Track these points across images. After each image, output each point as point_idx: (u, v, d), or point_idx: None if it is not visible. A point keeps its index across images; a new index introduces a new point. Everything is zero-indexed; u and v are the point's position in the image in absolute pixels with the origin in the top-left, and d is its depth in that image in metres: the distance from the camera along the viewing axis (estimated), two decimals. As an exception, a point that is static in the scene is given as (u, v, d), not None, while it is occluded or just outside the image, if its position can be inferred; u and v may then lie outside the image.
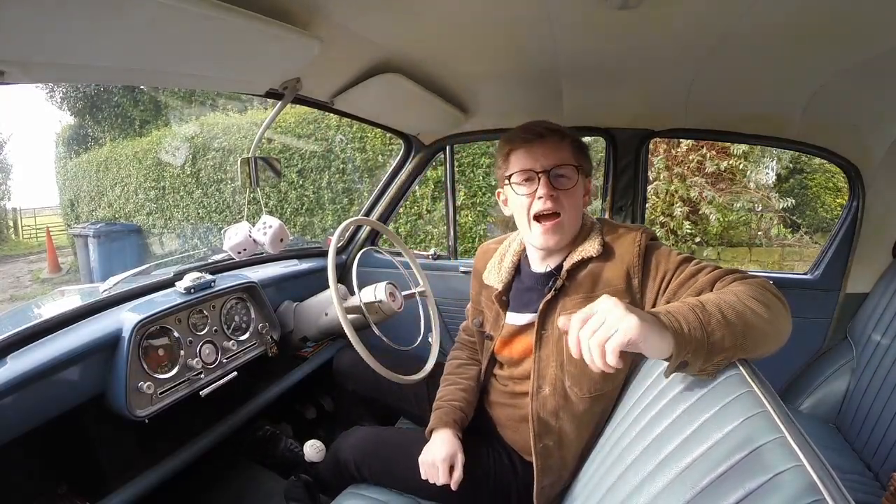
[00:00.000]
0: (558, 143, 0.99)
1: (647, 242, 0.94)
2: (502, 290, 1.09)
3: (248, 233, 1.31)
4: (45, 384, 0.97)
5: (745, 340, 0.66)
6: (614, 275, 0.94)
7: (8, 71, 0.69)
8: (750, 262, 5.08)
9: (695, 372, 0.66)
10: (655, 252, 0.93)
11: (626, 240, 0.95)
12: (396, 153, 2.03)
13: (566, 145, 1.00)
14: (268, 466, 1.56)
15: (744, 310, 0.69)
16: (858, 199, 1.53)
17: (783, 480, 0.47)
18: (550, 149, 0.98)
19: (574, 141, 1.02)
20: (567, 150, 0.99)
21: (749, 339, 0.67)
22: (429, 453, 1.04)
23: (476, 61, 1.18)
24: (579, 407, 0.96)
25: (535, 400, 1.00)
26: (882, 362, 1.39)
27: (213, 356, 1.30)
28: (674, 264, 0.90)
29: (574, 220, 1.00)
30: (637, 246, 0.93)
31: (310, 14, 0.85)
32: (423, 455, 1.04)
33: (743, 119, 1.48)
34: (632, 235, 0.95)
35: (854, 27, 0.87)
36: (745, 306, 0.69)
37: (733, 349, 0.65)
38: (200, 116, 7.20)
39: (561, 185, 0.97)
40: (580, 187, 1.00)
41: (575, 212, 0.99)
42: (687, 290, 0.84)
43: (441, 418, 1.09)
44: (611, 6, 0.79)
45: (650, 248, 0.94)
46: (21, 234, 12.34)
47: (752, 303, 0.71)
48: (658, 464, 0.63)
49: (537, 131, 0.99)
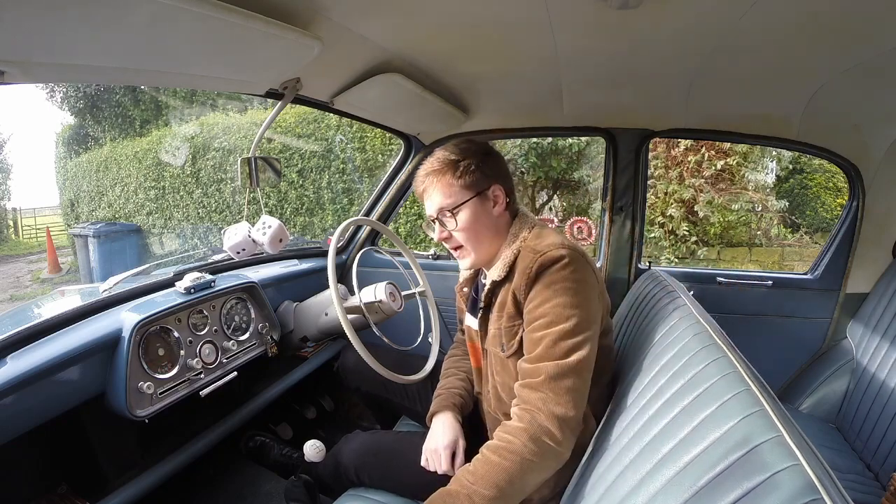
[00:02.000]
0: (435, 186, 1.01)
1: (535, 272, 0.91)
2: (463, 281, 1.16)
3: (247, 233, 1.31)
4: (45, 384, 0.97)
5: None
6: (509, 299, 0.96)
7: (8, 71, 0.69)
8: (750, 262, 5.08)
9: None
10: (538, 284, 0.91)
11: (524, 263, 0.93)
12: (396, 153, 2.03)
13: (444, 184, 1.00)
14: (267, 467, 1.56)
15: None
16: (858, 199, 1.53)
17: (781, 479, 0.47)
18: (432, 193, 1.02)
19: (451, 169, 1.00)
20: (443, 190, 1.00)
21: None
22: (432, 440, 1.06)
23: (476, 61, 1.18)
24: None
25: (484, 401, 1.07)
26: (882, 362, 1.39)
27: (213, 356, 1.30)
28: (530, 313, 0.91)
29: (479, 243, 1.02)
30: (526, 276, 0.92)
31: (310, 14, 0.85)
32: (427, 442, 1.06)
33: (743, 119, 1.48)
34: (527, 261, 0.93)
35: (854, 27, 0.87)
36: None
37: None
38: (200, 116, 7.20)
39: (448, 226, 1.02)
40: (471, 215, 1.00)
41: (476, 235, 1.01)
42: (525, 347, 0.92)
43: (441, 402, 1.12)
44: (611, 6, 0.79)
45: (539, 274, 0.91)
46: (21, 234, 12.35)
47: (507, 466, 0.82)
48: (656, 463, 0.63)
49: (420, 178, 1.04)
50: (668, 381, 0.76)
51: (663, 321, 0.97)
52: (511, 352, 0.97)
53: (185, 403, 1.20)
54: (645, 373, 0.89)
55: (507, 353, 0.97)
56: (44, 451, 1.11)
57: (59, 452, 1.13)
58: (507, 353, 0.97)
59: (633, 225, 1.67)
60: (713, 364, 0.71)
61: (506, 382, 0.99)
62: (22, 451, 1.03)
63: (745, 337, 1.13)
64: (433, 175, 1.02)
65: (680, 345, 0.83)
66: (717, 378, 0.67)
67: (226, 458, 1.55)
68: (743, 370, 0.66)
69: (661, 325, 0.97)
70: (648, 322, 1.03)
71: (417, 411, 1.37)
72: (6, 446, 0.92)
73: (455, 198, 1.00)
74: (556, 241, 0.93)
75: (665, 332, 0.93)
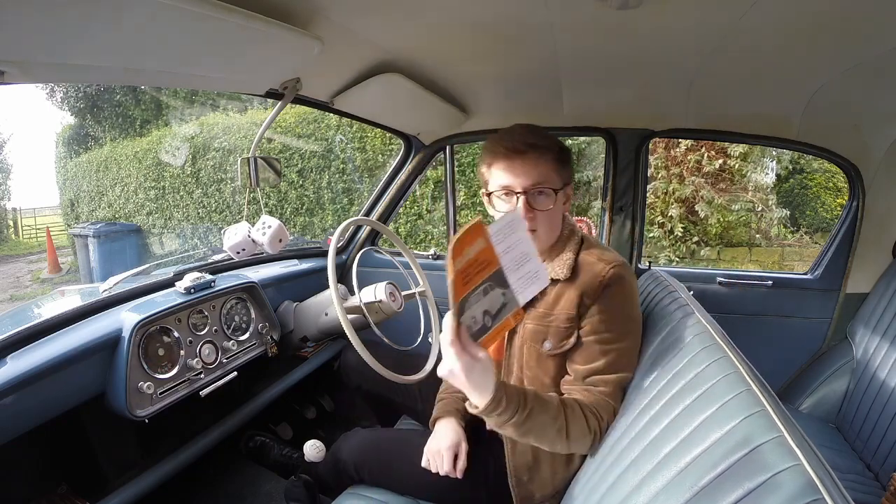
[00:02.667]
0: (537, 160, 0.96)
1: (608, 282, 0.94)
2: None
3: (247, 233, 1.31)
4: (45, 384, 0.97)
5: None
6: (572, 300, 0.95)
7: (8, 71, 0.69)
8: (750, 262, 5.08)
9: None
10: (610, 293, 0.94)
11: (594, 270, 0.95)
12: (396, 153, 2.03)
13: (546, 161, 0.97)
14: (267, 467, 1.56)
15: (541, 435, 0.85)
16: (858, 199, 1.53)
17: (782, 480, 0.47)
18: (530, 166, 0.96)
19: (556, 153, 0.99)
20: (546, 166, 0.97)
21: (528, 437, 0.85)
22: (434, 442, 1.06)
23: (476, 61, 1.18)
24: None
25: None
26: (882, 362, 1.39)
27: (213, 356, 1.30)
28: (598, 323, 0.93)
29: (550, 232, 1.00)
30: (598, 281, 0.94)
31: (310, 14, 0.85)
32: (429, 444, 1.06)
33: (743, 119, 1.48)
34: (599, 268, 0.95)
35: (854, 27, 0.87)
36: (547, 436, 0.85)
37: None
38: (200, 116, 7.20)
39: (538, 204, 0.97)
40: (559, 203, 0.99)
41: (551, 224, 1.00)
42: (579, 351, 0.94)
43: (444, 408, 1.12)
44: (611, 6, 0.79)
45: (609, 286, 0.94)
46: (21, 234, 12.34)
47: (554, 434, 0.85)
48: (657, 463, 0.63)
49: (518, 148, 0.96)
50: (669, 381, 0.76)
51: (664, 321, 0.98)
52: (559, 351, 0.96)
53: (185, 403, 1.20)
54: (646, 373, 0.89)
55: (555, 351, 0.97)
56: (44, 451, 1.11)
57: (59, 452, 1.13)
58: (553, 351, 0.97)
59: (633, 225, 1.67)
60: (714, 364, 0.71)
61: (538, 377, 0.99)
62: (22, 451, 1.03)
63: (745, 337, 1.13)
64: (539, 151, 0.96)
65: (681, 345, 0.83)
66: (719, 378, 0.67)
67: (226, 458, 1.55)
68: (744, 370, 0.66)
69: (662, 325, 0.97)
70: (649, 322, 1.03)
71: (418, 410, 1.37)
72: (6, 446, 0.92)
73: (554, 181, 0.97)
74: (618, 255, 1.00)
75: (667, 332, 0.94)
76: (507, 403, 0.78)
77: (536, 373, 1.00)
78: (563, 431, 0.85)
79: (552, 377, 0.98)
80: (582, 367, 0.93)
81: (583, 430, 0.87)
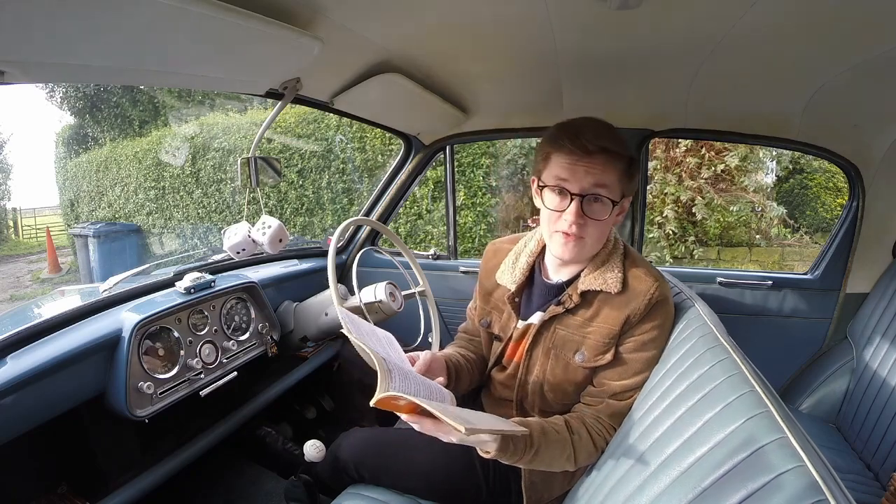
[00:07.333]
0: (605, 165, 0.88)
1: (656, 300, 0.92)
2: (515, 291, 1.06)
3: (247, 233, 1.31)
4: (45, 384, 0.97)
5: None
6: (616, 317, 0.93)
7: (8, 71, 0.69)
8: (750, 262, 5.08)
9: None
10: (657, 311, 0.92)
11: (641, 287, 0.93)
12: (396, 153, 2.03)
13: (614, 169, 0.89)
14: (268, 467, 1.56)
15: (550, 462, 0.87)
16: (858, 199, 1.53)
17: (785, 481, 0.47)
18: (597, 170, 0.88)
19: (626, 162, 0.91)
20: (612, 175, 0.89)
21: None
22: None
23: (476, 61, 1.18)
24: (560, 412, 0.99)
25: (501, 387, 1.07)
26: (882, 362, 1.39)
27: (213, 356, 1.30)
28: (646, 342, 0.92)
29: (597, 242, 0.95)
30: (647, 299, 0.92)
31: (310, 14, 0.85)
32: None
33: (743, 119, 1.48)
34: (646, 285, 0.92)
35: (854, 27, 0.87)
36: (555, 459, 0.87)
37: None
38: (200, 116, 7.19)
39: (592, 212, 0.90)
40: (613, 215, 0.93)
41: (599, 236, 0.94)
42: (616, 367, 0.93)
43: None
44: (611, 6, 0.79)
45: (658, 303, 0.92)
46: (21, 234, 12.33)
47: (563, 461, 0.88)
48: (660, 464, 0.63)
49: (588, 148, 0.87)
50: (673, 382, 0.76)
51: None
52: (593, 365, 0.95)
53: (185, 403, 1.20)
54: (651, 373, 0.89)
55: (588, 364, 0.95)
56: (44, 450, 1.11)
57: (59, 452, 1.13)
58: (585, 364, 0.95)
59: (633, 225, 1.67)
60: (718, 365, 0.71)
61: (561, 385, 0.99)
62: (22, 451, 1.03)
63: (745, 337, 1.13)
64: (609, 156, 0.88)
65: (686, 346, 0.83)
66: (722, 379, 0.67)
67: (226, 458, 1.55)
68: (748, 371, 0.66)
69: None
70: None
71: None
72: (6, 446, 0.92)
73: (615, 192, 0.90)
74: (655, 268, 0.99)
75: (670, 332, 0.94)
76: (515, 447, 0.81)
77: (561, 381, 0.99)
78: (571, 458, 0.87)
79: (577, 385, 0.98)
80: (616, 383, 0.93)
81: (590, 452, 0.89)
